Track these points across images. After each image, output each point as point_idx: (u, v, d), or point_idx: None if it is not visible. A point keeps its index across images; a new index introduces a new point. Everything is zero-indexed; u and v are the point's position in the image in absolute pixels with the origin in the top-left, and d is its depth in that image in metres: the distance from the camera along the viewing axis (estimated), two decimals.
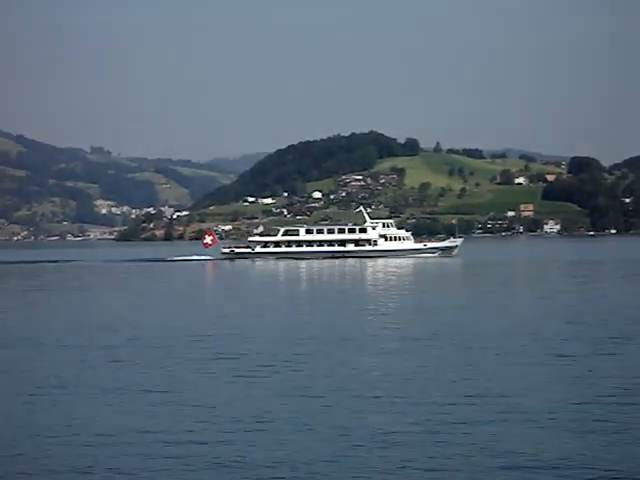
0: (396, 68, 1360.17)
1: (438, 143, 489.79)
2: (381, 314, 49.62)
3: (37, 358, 35.14)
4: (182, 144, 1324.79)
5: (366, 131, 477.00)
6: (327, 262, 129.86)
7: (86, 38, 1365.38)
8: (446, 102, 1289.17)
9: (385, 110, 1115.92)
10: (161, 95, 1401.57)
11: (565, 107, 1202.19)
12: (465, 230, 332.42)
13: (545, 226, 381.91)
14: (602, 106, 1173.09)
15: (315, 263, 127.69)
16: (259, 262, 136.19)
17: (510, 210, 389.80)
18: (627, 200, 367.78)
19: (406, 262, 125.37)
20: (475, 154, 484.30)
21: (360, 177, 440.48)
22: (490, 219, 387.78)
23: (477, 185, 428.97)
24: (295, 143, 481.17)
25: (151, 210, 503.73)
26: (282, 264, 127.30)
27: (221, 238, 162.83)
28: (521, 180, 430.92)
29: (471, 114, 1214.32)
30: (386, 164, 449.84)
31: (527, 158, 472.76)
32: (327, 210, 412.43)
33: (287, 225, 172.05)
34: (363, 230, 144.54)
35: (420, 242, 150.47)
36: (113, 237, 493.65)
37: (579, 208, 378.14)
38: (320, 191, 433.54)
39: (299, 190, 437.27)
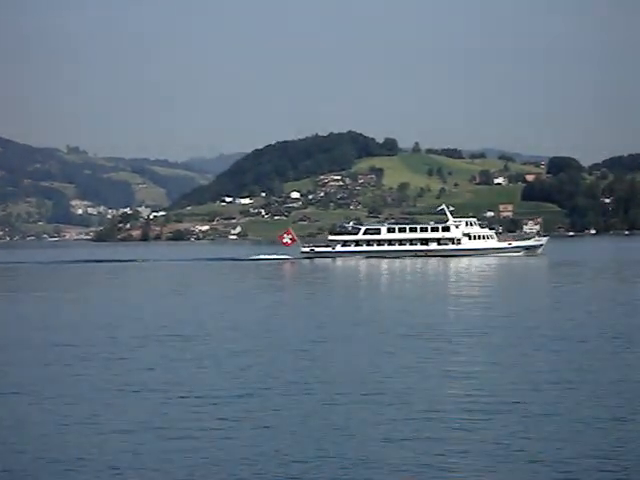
0: (374, 68, 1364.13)
1: (417, 143, 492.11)
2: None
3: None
4: (159, 144, 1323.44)
5: (344, 131, 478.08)
6: (409, 261, 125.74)
7: (61, 38, 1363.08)
8: (425, 102, 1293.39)
9: (363, 110, 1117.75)
10: (137, 95, 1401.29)
11: (545, 107, 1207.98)
12: None
13: (525, 226, 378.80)
14: (582, 106, 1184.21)
15: (397, 262, 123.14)
16: (339, 261, 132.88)
17: (489, 210, 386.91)
18: (607, 200, 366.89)
19: (493, 261, 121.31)
20: (454, 154, 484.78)
21: (338, 177, 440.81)
22: None
23: (456, 185, 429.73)
24: (273, 143, 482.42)
25: (128, 210, 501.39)
26: (363, 263, 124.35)
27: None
28: (500, 180, 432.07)
29: (450, 114, 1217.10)
30: (364, 164, 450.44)
31: (506, 158, 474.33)
32: (305, 210, 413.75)
33: (266, 225, 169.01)
34: (446, 229, 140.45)
35: (504, 241, 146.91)
36: (89, 237, 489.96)
37: (558, 208, 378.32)
38: (298, 191, 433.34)
39: (277, 190, 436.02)
